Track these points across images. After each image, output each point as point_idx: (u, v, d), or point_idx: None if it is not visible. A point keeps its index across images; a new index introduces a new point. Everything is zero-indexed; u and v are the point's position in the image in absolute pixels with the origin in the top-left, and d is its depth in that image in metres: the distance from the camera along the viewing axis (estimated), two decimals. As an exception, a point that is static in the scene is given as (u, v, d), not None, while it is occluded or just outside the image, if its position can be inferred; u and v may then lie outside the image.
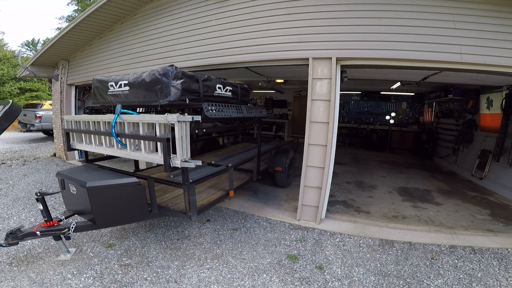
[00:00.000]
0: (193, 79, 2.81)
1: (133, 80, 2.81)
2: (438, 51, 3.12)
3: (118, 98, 2.98)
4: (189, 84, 2.71)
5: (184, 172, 2.51)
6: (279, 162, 4.92)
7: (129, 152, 2.72)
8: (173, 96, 2.53)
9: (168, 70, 2.53)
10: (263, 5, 3.83)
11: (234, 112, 3.30)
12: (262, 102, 13.37)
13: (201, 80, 2.91)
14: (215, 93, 3.16)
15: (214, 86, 3.13)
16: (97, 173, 2.80)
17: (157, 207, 2.86)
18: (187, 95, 2.69)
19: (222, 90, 3.31)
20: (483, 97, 6.17)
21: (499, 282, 2.57)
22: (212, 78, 3.13)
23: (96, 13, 5.24)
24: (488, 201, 4.86)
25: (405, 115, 10.84)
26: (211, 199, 3.28)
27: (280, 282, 2.54)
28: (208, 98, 3.05)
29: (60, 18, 28.30)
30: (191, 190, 2.62)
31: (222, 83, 3.32)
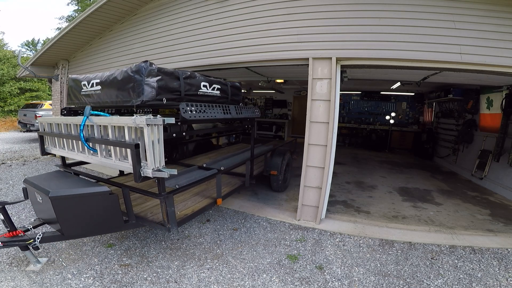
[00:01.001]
0: (172, 77, 2.56)
1: (105, 79, 2.57)
2: (438, 51, 3.12)
3: (91, 99, 2.76)
4: (167, 82, 2.47)
5: (160, 181, 2.26)
6: (275, 165, 4.63)
7: (100, 159, 2.47)
8: (147, 96, 2.28)
9: (141, 67, 2.29)
10: (263, 5, 3.83)
11: (219, 112, 3.01)
12: (262, 102, 13.38)
13: (183, 78, 2.66)
14: (199, 92, 2.90)
15: (198, 84, 2.87)
16: (67, 180, 2.59)
17: (134, 217, 2.61)
18: (164, 94, 2.44)
19: (209, 89, 3.05)
20: (483, 97, 6.18)
21: (499, 282, 2.57)
22: (196, 76, 2.88)
23: (96, 13, 5.24)
24: (488, 201, 4.86)
25: (405, 115, 10.84)
26: (196, 208, 2.98)
27: (280, 282, 2.54)
28: (192, 98, 2.79)
29: (60, 18, 28.31)
30: (169, 201, 2.36)
31: (208, 81, 3.06)
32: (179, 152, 5.16)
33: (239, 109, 3.47)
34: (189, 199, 3.26)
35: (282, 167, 4.69)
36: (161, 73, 2.41)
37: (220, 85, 3.26)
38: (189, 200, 3.21)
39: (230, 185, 3.94)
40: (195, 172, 3.46)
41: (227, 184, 3.93)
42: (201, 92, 2.93)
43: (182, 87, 2.65)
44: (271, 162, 4.69)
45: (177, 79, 2.61)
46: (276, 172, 4.58)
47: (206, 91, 3.01)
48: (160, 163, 2.13)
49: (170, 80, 2.52)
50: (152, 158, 2.06)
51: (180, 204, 3.05)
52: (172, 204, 2.41)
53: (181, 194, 3.19)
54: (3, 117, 16.78)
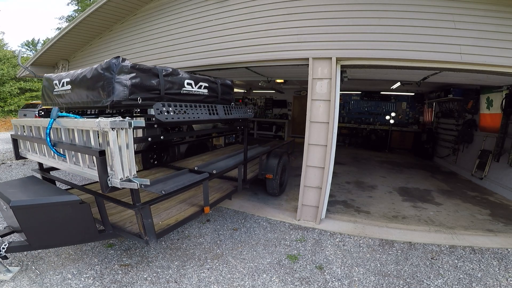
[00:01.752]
0: (150, 74, 2.36)
1: (74, 77, 2.38)
2: (438, 51, 3.12)
3: (63, 99, 2.58)
4: (143, 80, 2.27)
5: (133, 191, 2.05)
6: (270, 168, 4.38)
7: (69, 165, 2.28)
8: (118, 95, 2.07)
9: (112, 63, 2.08)
10: (263, 5, 3.83)
11: (204, 113, 2.75)
12: (262, 102, 13.39)
13: (163, 75, 2.45)
14: (183, 90, 2.68)
15: (181, 83, 2.66)
16: (37, 188, 2.43)
17: (110, 226, 2.43)
18: (140, 93, 2.24)
19: (194, 87, 2.83)
20: (483, 97, 6.17)
21: (499, 282, 2.57)
22: (179, 73, 2.67)
23: (96, 13, 5.24)
24: (488, 201, 4.86)
25: (405, 115, 10.84)
26: (180, 217, 2.74)
27: (280, 282, 2.54)
28: (174, 97, 2.58)
29: (60, 18, 28.31)
30: (145, 212, 2.16)
31: (193, 78, 2.84)
32: (170, 154, 5.01)
33: (229, 109, 3.21)
34: (174, 206, 3.00)
35: (278, 170, 4.45)
36: (135, 70, 2.21)
37: (208, 83, 3.04)
38: (174, 208, 2.96)
39: (221, 190, 3.68)
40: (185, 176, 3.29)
41: (218, 190, 3.68)
42: (185, 91, 2.72)
43: (162, 85, 2.44)
44: (266, 164, 4.45)
45: (155, 76, 2.41)
46: (272, 175, 4.35)
47: (190, 90, 2.79)
48: (131, 171, 1.92)
49: (147, 78, 2.32)
50: (120, 166, 1.84)
51: (164, 212, 2.83)
52: (149, 216, 2.20)
53: (166, 201, 2.96)
54: (3, 117, 16.79)
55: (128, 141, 1.88)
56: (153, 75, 2.39)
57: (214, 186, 3.77)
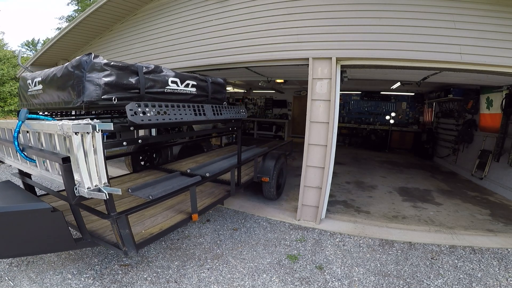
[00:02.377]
0: (128, 71, 2.18)
1: (45, 77, 2.24)
2: (438, 51, 3.12)
3: (37, 99, 2.45)
4: (119, 78, 2.09)
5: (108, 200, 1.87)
6: (266, 170, 4.16)
7: (40, 171, 2.15)
8: (88, 95, 1.91)
9: (83, 61, 1.91)
10: (263, 5, 3.83)
11: (189, 114, 2.52)
12: (262, 102, 13.39)
13: (143, 73, 2.27)
14: (166, 89, 2.50)
15: (165, 81, 2.48)
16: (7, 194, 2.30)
17: (88, 235, 2.28)
18: (115, 92, 2.06)
19: (180, 85, 2.64)
20: (483, 97, 6.17)
21: (499, 282, 2.57)
22: (162, 70, 2.48)
23: (96, 13, 5.24)
24: (488, 201, 4.86)
25: (405, 115, 10.84)
26: (165, 225, 2.54)
27: (280, 282, 2.54)
28: (156, 96, 2.41)
29: (60, 18, 28.35)
30: (121, 223, 2.00)
31: (179, 76, 2.65)
32: (162, 156, 4.84)
33: (218, 109, 2.97)
34: (161, 213, 2.80)
35: (274, 172, 4.22)
36: (110, 67, 2.04)
37: (196, 81, 2.85)
38: (160, 215, 2.75)
39: (212, 195, 3.46)
40: (175, 180, 3.19)
41: (209, 194, 3.47)
42: (169, 90, 2.53)
43: (142, 83, 2.25)
44: (262, 167, 4.23)
45: (134, 74, 2.23)
46: (268, 178, 4.13)
47: (175, 88, 2.59)
48: (101, 180, 1.75)
49: (124, 76, 2.15)
50: (87, 174, 1.69)
51: (148, 220, 2.63)
52: (126, 226, 2.03)
53: (152, 208, 2.75)
54: (3, 117, 16.79)
55: (96, 146, 1.70)
56: (132, 73, 2.22)
57: (206, 191, 3.59)
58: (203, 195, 3.43)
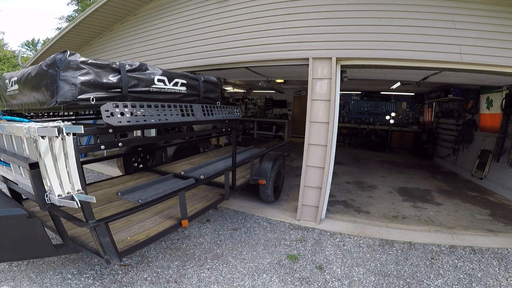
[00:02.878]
0: (108, 69, 2.05)
1: (21, 76, 2.16)
2: (438, 51, 3.12)
3: (14, 100, 2.37)
4: (98, 77, 1.96)
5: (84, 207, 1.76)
6: (263, 173, 4.03)
7: (15, 175, 2.06)
8: (63, 95, 1.77)
9: (57, 59, 1.79)
10: (263, 5, 3.83)
11: (175, 114, 2.36)
12: (262, 102, 13.39)
13: (126, 71, 2.14)
14: (152, 87, 2.36)
15: (150, 79, 2.34)
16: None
17: (70, 241, 2.19)
18: (93, 91, 1.93)
19: (168, 84, 2.49)
20: (483, 97, 6.17)
21: (499, 282, 2.57)
22: (148, 68, 2.35)
23: (96, 13, 5.24)
24: (488, 201, 4.86)
25: (405, 115, 10.84)
26: (152, 232, 2.41)
27: (280, 282, 2.54)
28: (141, 96, 2.27)
29: (60, 18, 28.31)
30: (101, 231, 1.89)
31: (167, 74, 2.50)
32: (156, 157, 4.68)
33: (209, 109, 2.80)
34: (149, 218, 2.66)
35: (271, 175, 4.07)
36: (88, 65, 1.91)
37: (186, 79, 2.71)
38: (149, 220, 2.62)
39: (206, 199, 3.30)
40: (168, 183, 3.12)
41: (202, 198, 3.31)
42: (156, 89, 2.39)
43: (125, 82, 2.12)
44: (259, 169, 4.09)
45: (116, 72, 2.10)
46: (265, 181, 3.99)
47: (163, 87, 2.45)
48: (74, 187, 1.63)
49: (103, 74, 2.02)
50: (57, 181, 1.58)
51: (136, 225, 2.50)
52: (106, 234, 1.92)
53: (141, 213, 2.65)
54: (3, 117, 16.76)
55: (66, 150, 1.57)
56: (112, 71, 2.08)
57: (199, 194, 3.45)
58: (196, 198, 3.30)
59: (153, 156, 4.66)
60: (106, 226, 1.91)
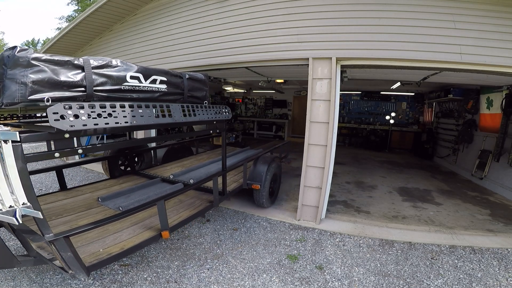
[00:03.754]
0: (68, 66, 1.81)
1: None
2: (438, 51, 3.12)
3: None
4: (54, 74, 1.73)
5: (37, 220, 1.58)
6: (257, 177, 3.79)
7: None
8: (9, 96, 1.59)
9: (5, 56, 1.62)
10: (263, 5, 3.84)
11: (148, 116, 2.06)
12: (262, 102, 13.39)
13: (91, 67, 1.89)
14: (124, 86, 2.09)
15: (121, 76, 2.07)
16: None
17: (34, 252, 2.03)
18: (48, 91, 1.72)
19: (144, 82, 2.24)
20: (483, 97, 6.17)
21: (499, 282, 2.57)
22: (118, 64, 2.08)
23: (96, 13, 5.24)
24: (488, 201, 4.86)
25: (405, 115, 10.84)
26: (128, 244, 2.17)
27: (280, 282, 2.54)
28: (110, 95, 2.01)
29: (60, 18, 28.33)
30: (61, 245, 1.70)
31: (142, 70, 2.22)
32: (145, 160, 4.44)
33: (191, 109, 2.48)
34: (128, 228, 2.42)
35: (266, 179, 3.83)
36: (41, 62, 1.69)
37: (166, 77, 2.45)
38: (127, 230, 2.37)
39: (192, 206, 3.00)
40: (154, 188, 2.98)
41: (188, 206, 3.01)
42: (128, 87, 2.13)
43: (89, 80, 1.87)
44: (253, 172, 3.85)
45: (78, 69, 1.86)
46: (259, 186, 3.75)
47: (137, 85, 2.18)
48: (18, 199, 1.46)
49: (62, 72, 1.79)
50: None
51: (111, 236, 2.27)
52: (68, 248, 1.73)
53: (120, 222, 2.43)
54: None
55: (5, 159, 1.41)
56: (74, 68, 1.84)
57: (186, 201, 3.16)
58: (182, 206, 3.02)
59: (142, 158, 4.44)
60: (66, 241, 1.71)
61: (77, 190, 3.20)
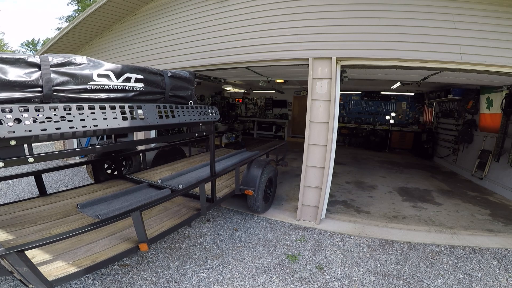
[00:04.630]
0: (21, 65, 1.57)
1: None
2: (438, 51, 3.12)
3: None
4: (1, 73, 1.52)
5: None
6: (251, 181, 3.58)
7: None
8: None
9: None
10: (263, 5, 3.83)
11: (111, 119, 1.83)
12: (262, 102, 13.39)
13: (49, 65, 1.66)
14: (90, 85, 1.86)
15: (87, 75, 1.85)
16: None
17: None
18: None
19: (115, 80, 2.00)
20: (483, 97, 6.17)
21: (499, 282, 2.57)
22: (82, 62, 1.86)
23: (96, 13, 5.24)
24: (488, 201, 4.86)
25: (405, 115, 10.84)
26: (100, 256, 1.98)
27: (280, 282, 2.54)
28: (74, 95, 1.79)
29: (60, 18, 28.39)
30: (13, 260, 1.55)
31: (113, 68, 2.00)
32: (134, 163, 4.21)
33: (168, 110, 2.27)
34: (104, 238, 2.22)
35: (260, 183, 3.62)
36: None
37: (143, 74, 2.21)
38: (102, 241, 2.18)
39: (178, 214, 2.78)
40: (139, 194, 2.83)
41: (174, 214, 2.79)
42: (96, 86, 1.90)
43: (47, 79, 1.66)
44: (246, 177, 3.64)
45: (33, 67, 1.64)
46: (252, 191, 3.54)
47: (106, 84, 1.95)
48: None
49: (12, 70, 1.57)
50: None
51: (85, 247, 2.08)
52: (22, 263, 1.58)
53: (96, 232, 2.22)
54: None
55: None
56: (28, 66, 1.63)
57: (171, 208, 2.93)
58: (166, 214, 2.79)
59: (130, 161, 4.22)
60: (20, 256, 1.56)
61: (57, 195, 3.02)
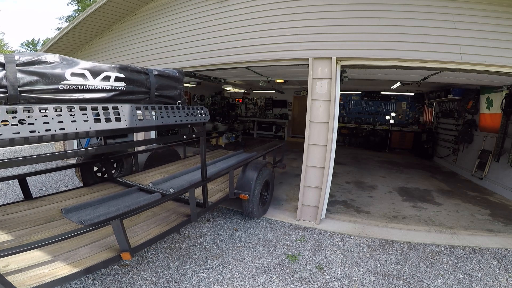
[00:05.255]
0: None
1: None
2: (438, 51, 3.12)
3: None
4: None
5: None
6: (246, 186, 3.41)
7: None
8: None
9: None
10: (263, 5, 3.84)
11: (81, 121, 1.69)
12: (262, 102, 13.40)
13: (15, 64, 1.55)
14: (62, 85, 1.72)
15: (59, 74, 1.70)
16: None
17: None
18: None
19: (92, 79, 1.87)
20: (483, 97, 6.17)
21: (499, 282, 2.57)
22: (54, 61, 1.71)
23: (96, 13, 5.24)
24: (488, 201, 4.86)
25: (405, 115, 10.84)
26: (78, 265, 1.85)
27: (280, 282, 2.54)
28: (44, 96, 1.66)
29: (60, 18, 28.39)
30: None
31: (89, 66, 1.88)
32: (125, 166, 4.05)
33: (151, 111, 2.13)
34: (85, 246, 2.08)
35: (256, 187, 3.46)
36: None
37: (125, 73, 2.06)
38: (83, 249, 2.04)
39: (166, 221, 2.62)
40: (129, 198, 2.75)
41: (162, 220, 2.63)
42: (68, 86, 1.75)
43: (13, 79, 1.54)
44: (241, 180, 3.47)
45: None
46: (247, 196, 3.37)
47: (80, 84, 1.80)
48: None
49: None
50: None
51: (63, 255, 1.94)
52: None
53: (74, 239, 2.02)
54: (3, 117, 16.75)
55: None
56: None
57: (160, 214, 2.77)
58: (154, 220, 2.63)
59: (121, 164, 4.08)
60: None
61: (43, 199, 2.90)
